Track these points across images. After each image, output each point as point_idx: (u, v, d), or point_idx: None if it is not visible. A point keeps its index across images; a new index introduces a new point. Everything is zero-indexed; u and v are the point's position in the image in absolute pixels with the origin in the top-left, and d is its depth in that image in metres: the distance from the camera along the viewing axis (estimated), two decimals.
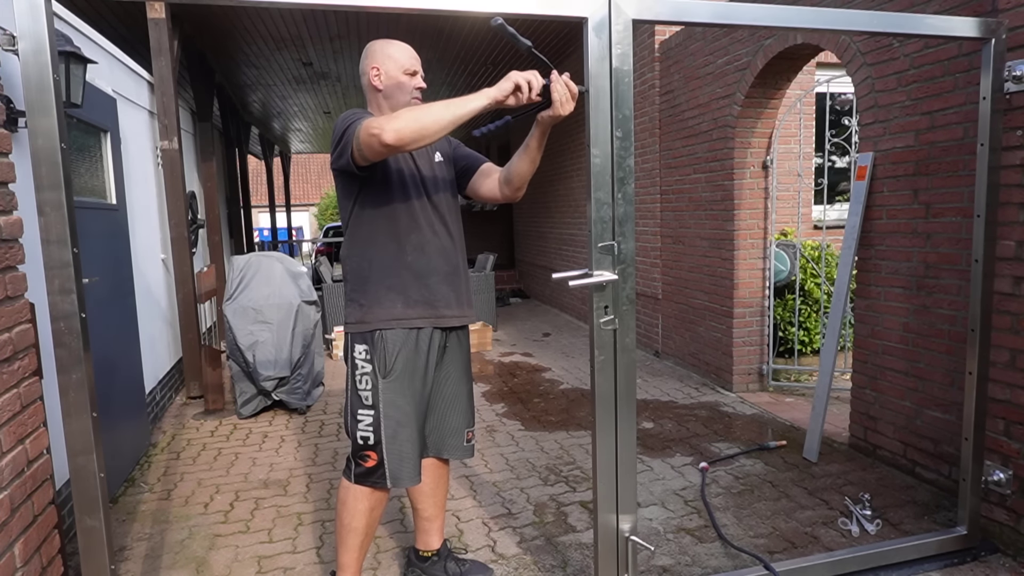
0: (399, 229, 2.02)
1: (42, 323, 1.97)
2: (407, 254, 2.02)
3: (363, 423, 2.02)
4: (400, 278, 2.02)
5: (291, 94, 9.58)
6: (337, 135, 1.91)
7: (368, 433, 2.02)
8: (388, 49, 2.06)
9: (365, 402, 2.02)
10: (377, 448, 2.02)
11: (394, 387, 2.02)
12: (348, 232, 2.08)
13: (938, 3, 2.81)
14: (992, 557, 2.42)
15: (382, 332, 2.01)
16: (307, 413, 4.49)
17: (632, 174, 1.87)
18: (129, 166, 4.17)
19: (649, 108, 5.67)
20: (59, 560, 1.98)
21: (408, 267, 2.02)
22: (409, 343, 2.03)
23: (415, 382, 2.06)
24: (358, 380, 2.03)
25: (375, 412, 2.01)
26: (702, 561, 2.48)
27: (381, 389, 2.01)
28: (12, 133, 2.18)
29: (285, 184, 17.16)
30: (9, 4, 1.50)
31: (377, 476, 2.03)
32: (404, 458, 2.04)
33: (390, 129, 1.72)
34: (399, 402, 2.03)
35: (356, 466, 2.05)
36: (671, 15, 1.90)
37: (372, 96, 2.09)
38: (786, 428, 3.90)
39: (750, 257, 4.61)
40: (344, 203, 2.07)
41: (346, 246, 2.09)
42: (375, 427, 2.01)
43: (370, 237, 2.03)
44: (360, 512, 2.07)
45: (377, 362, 2.01)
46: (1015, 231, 2.35)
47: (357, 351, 2.03)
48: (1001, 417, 2.43)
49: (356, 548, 2.10)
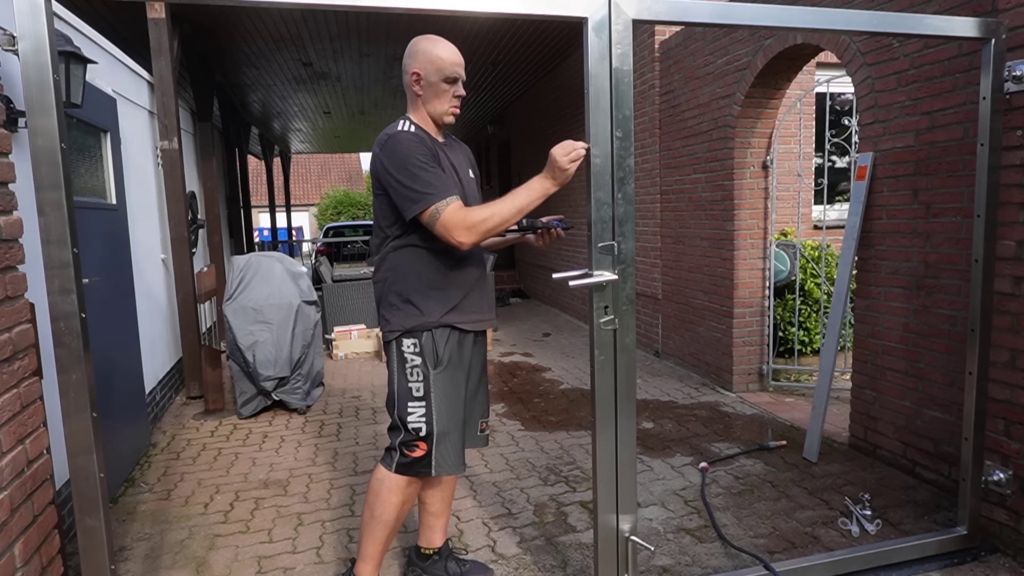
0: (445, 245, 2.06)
1: (42, 323, 1.97)
2: (452, 266, 2.08)
3: (415, 414, 2.04)
4: (447, 291, 2.08)
5: (291, 94, 9.58)
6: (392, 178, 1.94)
7: (420, 424, 2.04)
8: (433, 52, 2.01)
9: (416, 394, 2.05)
10: (428, 439, 2.05)
11: (444, 378, 2.07)
12: (394, 240, 2.08)
13: (938, 3, 2.81)
14: (992, 557, 2.42)
15: (429, 331, 2.05)
16: (307, 413, 4.49)
17: (632, 174, 1.87)
18: (129, 166, 4.17)
19: (649, 108, 5.67)
20: (59, 560, 1.98)
21: (453, 278, 2.09)
22: (454, 339, 2.09)
23: (459, 375, 2.11)
24: (408, 373, 2.05)
25: (427, 403, 2.04)
26: (702, 561, 2.48)
27: (432, 380, 2.05)
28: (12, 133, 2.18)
29: (285, 184, 17.17)
30: (9, 4, 1.50)
31: (422, 465, 2.06)
32: (452, 447, 2.09)
33: (469, 242, 1.90)
34: (449, 392, 2.07)
35: (401, 456, 2.06)
36: (671, 15, 1.90)
37: (413, 100, 2.08)
38: (786, 428, 3.89)
39: (750, 257, 4.61)
40: (392, 213, 2.05)
41: (392, 253, 2.09)
42: (427, 418, 2.04)
43: (419, 249, 2.06)
44: (393, 505, 2.09)
45: (427, 355, 2.05)
46: (1015, 231, 2.35)
47: (405, 345, 2.05)
48: (1001, 417, 2.43)
49: (382, 540, 2.13)
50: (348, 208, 27.24)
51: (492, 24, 6.37)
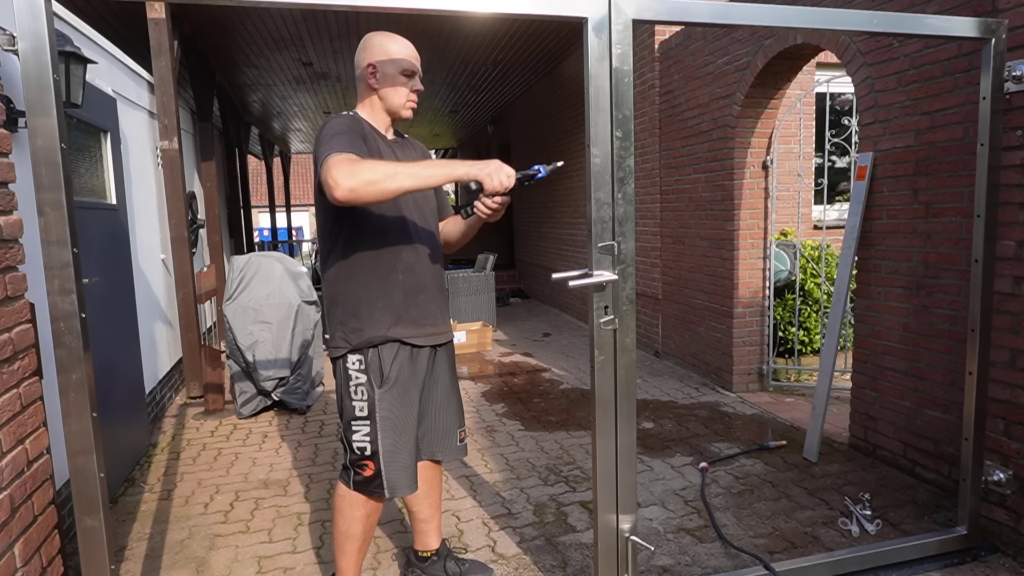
0: (391, 248, 1.97)
1: (42, 323, 1.97)
2: (399, 273, 1.98)
3: (359, 433, 1.98)
4: (391, 298, 1.97)
5: (291, 94, 9.57)
6: (315, 155, 1.81)
7: (364, 444, 1.98)
8: (387, 45, 1.98)
9: (360, 413, 1.97)
10: (375, 459, 1.98)
11: (390, 397, 1.99)
12: (334, 251, 1.98)
13: (938, 3, 2.81)
14: (992, 557, 2.42)
15: (376, 348, 1.97)
16: (307, 413, 4.49)
17: (632, 174, 1.87)
18: (129, 166, 4.17)
19: (649, 108, 5.67)
20: (59, 560, 1.98)
21: (400, 286, 1.98)
22: (403, 354, 2.01)
23: (410, 390, 2.03)
24: (352, 391, 1.98)
25: (371, 423, 1.97)
26: (702, 561, 2.48)
27: (377, 399, 1.97)
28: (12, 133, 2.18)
29: (285, 184, 17.17)
30: (9, 4, 1.50)
31: (375, 486, 2.00)
32: (402, 468, 2.01)
33: (345, 187, 1.65)
34: (396, 411, 2.00)
35: (354, 474, 2.01)
36: (671, 15, 1.90)
37: (366, 93, 2.01)
38: (786, 428, 3.89)
39: (750, 257, 4.61)
40: (328, 219, 1.96)
41: (333, 266, 1.99)
42: (372, 438, 1.97)
43: (362, 256, 1.96)
44: (357, 519, 2.05)
45: (372, 372, 1.97)
46: (1015, 231, 2.35)
47: (350, 361, 1.97)
48: (1001, 417, 2.43)
49: (354, 552, 2.09)
50: None
51: (492, 24, 6.37)
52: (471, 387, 5.11)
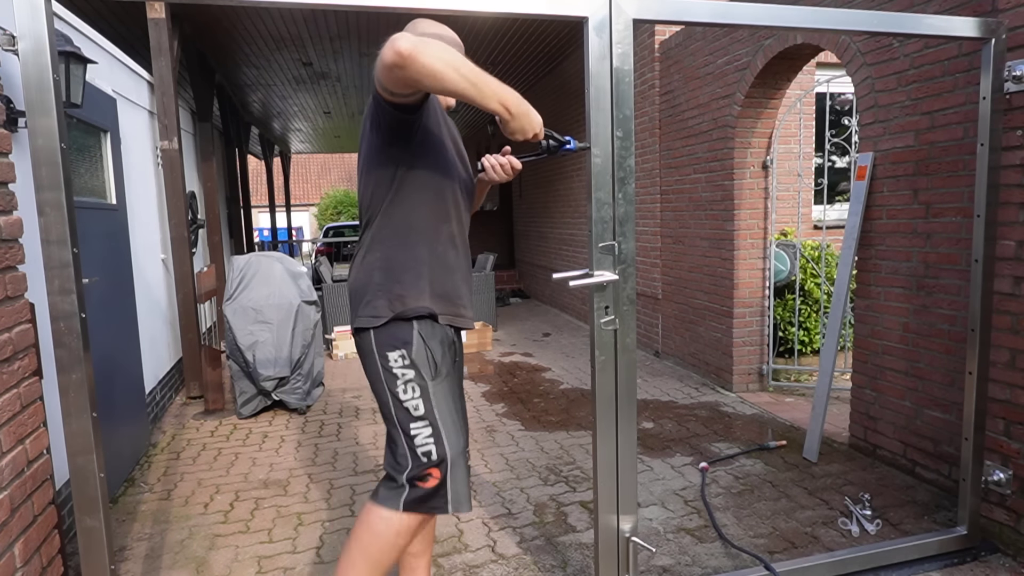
0: (439, 214, 1.78)
1: (42, 323, 1.97)
2: (439, 244, 1.79)
3: (421, 436, 1.69)
4: (432, 270, 1.77)
5: (291, 94, 9.58)
6: None
7: (430, 447, 1.69)
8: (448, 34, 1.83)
9: (415, 413, 1.70)
10: (442, 465, 1.69)
11: (444, 389, 1.76)
12: (383, 210, 1.74)
13: (938, 3, 2.81)
14: (992, 557, 2.42)
15: (419, 329, 1.74)
16: (307, 413, 4.49)
17: (632, 174, 1.87)
18: (129, 166, 4.17)
19: (649, 108, 5.67)
20: (59, 560, 1.98)
21: (439, 259, 1.79)
22: (444, 339, 1.80)
23: (456, 382, 1.85)
24: (401, 391, 1.71)
25: (430, 422, 1.71)
26: (702, 561, 2.48)
27: (432, 393, 1.72)
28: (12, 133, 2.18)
29: (285, 184, 17.17)
30: (9, 4, 1.50)
31: (437, 499, 1.70)
32: (464, 476, 1.75)
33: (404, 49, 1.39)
34: (453, 407, 1.77)
35: (411, 490, 1.69)
36: (671, 15, 1.90)
37: None
38: (786, 428, 3.89)
39: (750, 257, 4.61)
40: (379, 175, 1.73)
41: (380, 229, 1.75)
42: (436, 439, 1.70)
43: (411, 221, 1.74)
44: (399, 549, 1.72)
45: (420, 364, 1.73)
46: (1015, 231, 2.35)
47: (391, 359, 1.72)
48: (1001, 417, 2.43)
49: None
50: (348, 208, 27.26)
51: (492, 24, 6.37)
52: (471, 387, 5.11)
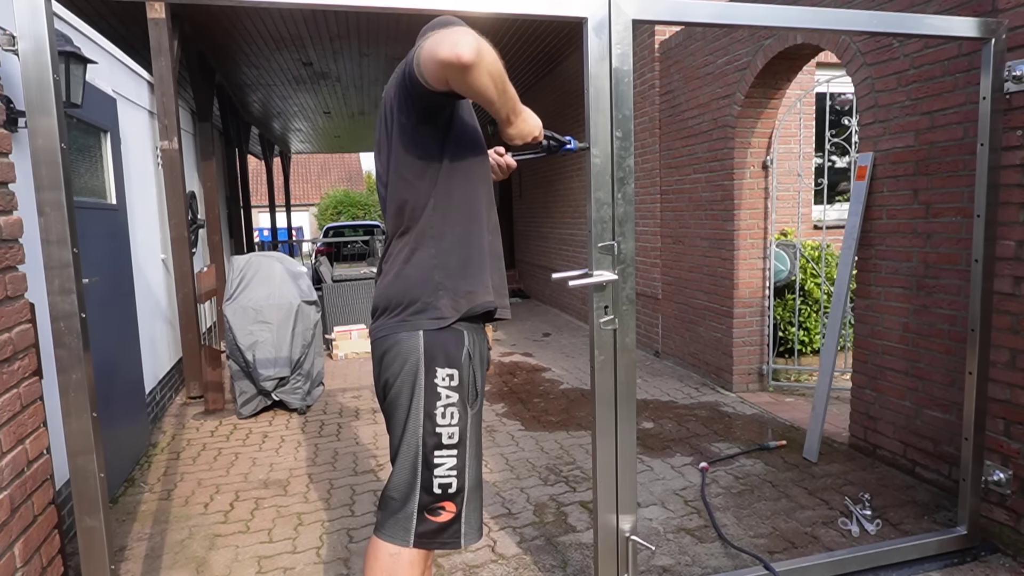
0: (489, 202, 1.68)
1: (42, 323, 1.97)
2: (492, 232, 1.68)
3: (444, 466, 1.57)
4: (492, 261, 1.66)
5: (291, 94, 9.57)
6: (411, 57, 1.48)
7: (450, 479, 1.58)
8: None
9: (448, 440, 1.57)
10: (458, 497, 1.59)
11: (479, 417, 1.67)
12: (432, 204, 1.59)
13: (938, 3, 2.81)
14: (992, 557, 2.42)
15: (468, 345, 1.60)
16: (307, 413, 4.49)
17: (632, 174, 1.87)
18: (129, 166, 4.17)
19: (649, 108, 5.67)
20: (59, 560, 1.98)
21: (493, 249, 1.68)
22: (486, 357, 1.68)
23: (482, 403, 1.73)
24: (439, 414, 1.57)
25: (460, 452, 1.59)
26: (702, 561, 2.48)
27: (470, 421, 1.61)
28: (12, 133, 2.18)
29: (285, 184, 17.17)
30: (9, 4, 1.50)
31: (449, 534, 1.60)
32: (479, 505, 1.66)
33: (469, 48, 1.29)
34: (480, 435, 1.68)
35: (420, 523, 1.57)
36: (671, 15, 1.90)
37: None
38: (786, 428, 3.89)
39: (750, 257, 4.61)
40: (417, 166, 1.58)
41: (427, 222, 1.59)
42: (459, 470, 1.59)
43: (465, 208, 1.61)
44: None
45: (466, 387, 1.59)
46: (1015, 231, 2.35)
47: (439, 376, 1.57)
48: (1001, 417, 2.43)
49: None
50: (348, 208, 27.26)
51: (492, 24, 6.37)
52: None
